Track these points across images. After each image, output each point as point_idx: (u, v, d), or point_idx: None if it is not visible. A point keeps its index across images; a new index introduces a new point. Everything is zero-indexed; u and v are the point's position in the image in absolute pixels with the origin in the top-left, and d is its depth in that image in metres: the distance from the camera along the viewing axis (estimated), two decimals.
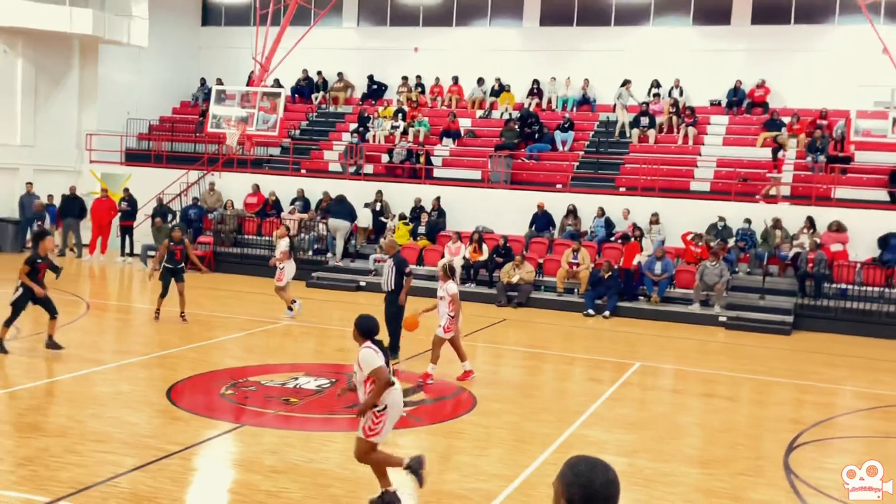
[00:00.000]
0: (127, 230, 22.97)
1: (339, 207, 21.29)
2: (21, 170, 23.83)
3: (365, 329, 6.62)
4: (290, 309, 15.47)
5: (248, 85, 26.02)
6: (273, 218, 22.38)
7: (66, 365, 11.04)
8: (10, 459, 7.34)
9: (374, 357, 6.50)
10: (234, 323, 14.97)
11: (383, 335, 8.31)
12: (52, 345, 11.60)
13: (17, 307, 11.45)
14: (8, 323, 11.42)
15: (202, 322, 14.72)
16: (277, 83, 26.29)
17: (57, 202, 23.14)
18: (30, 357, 11.46)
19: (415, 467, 6.70)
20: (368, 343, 6.58)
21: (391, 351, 11.66)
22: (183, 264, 14.51)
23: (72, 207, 23.02)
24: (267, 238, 22.01)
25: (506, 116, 24.77)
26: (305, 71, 27.97)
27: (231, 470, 7.72)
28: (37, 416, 8.71)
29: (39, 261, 11.63)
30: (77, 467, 7.20)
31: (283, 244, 15.78)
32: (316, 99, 27.79)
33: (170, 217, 22.41)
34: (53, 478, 6.97)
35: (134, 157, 26.00)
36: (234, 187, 23.52)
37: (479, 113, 25.77)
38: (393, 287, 12.45)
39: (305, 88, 28.11)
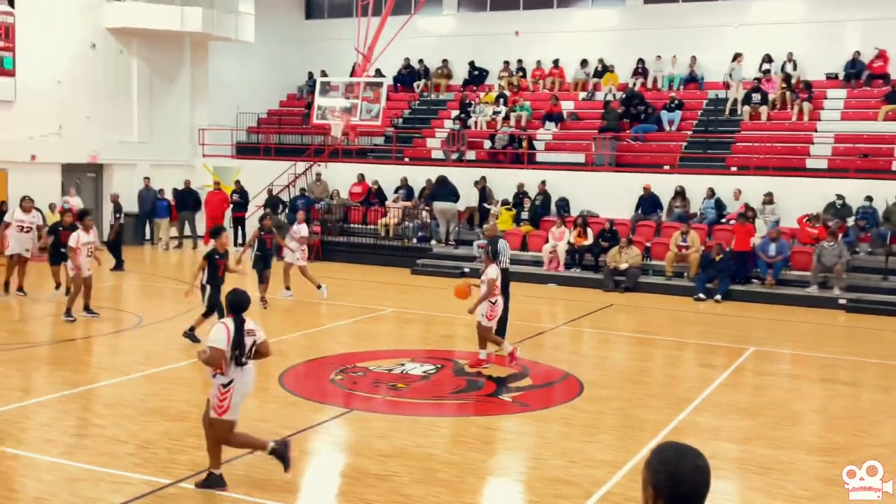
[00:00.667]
0: (239, 221, 23.73)
1: (442, 189, 21.33)
2: (139, 165, 24.91)
3: (228, 305, 6.71)
4: (320, 287, 15.79)
5: (351, 76, 26.41)
6: (377, 206, 22.70)
7: (185, 353, 11.49)
8: (133, 442, 7.70)
9: (218, 334, 6.52)
10: (342, 310, 15.26)
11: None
12: (190, 335, 11.75)
13: (215, 304, 11.40)
14: (207, 314, 11.49)
15: (311, 309, 15.08)
16: (379, 73, 26.57)
17: (169, 196, 24.08)
18: (150, 345, 11.98)
19: (281, 451, 6.71)
20: (229, 320, 6.61)
21: (500, 334, 11.84)
22: (272, 253, 15.01)
23: (187, 200, 23.94)
24: (372, 227, 22.36)
25: (609, 98, 24.34)
26: (407, 60, 28.19)
27: (341, 454, 7.88)
28: (158, 400, 9.10)
29: (217, 257, 11.66)
30: (196, 450, 7.48)
31: (303, 230, 16.15)
32: (418, 87, 27.98)
33: (280, 208, 23.01)
34: (173, 460, 7.27)
35: (244, 150, 26.82)
36: (340, 177, 23.96)
37: (582, 95, 25.40)
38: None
39: (407, 77, 28.34)
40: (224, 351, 6.51)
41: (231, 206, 23.75)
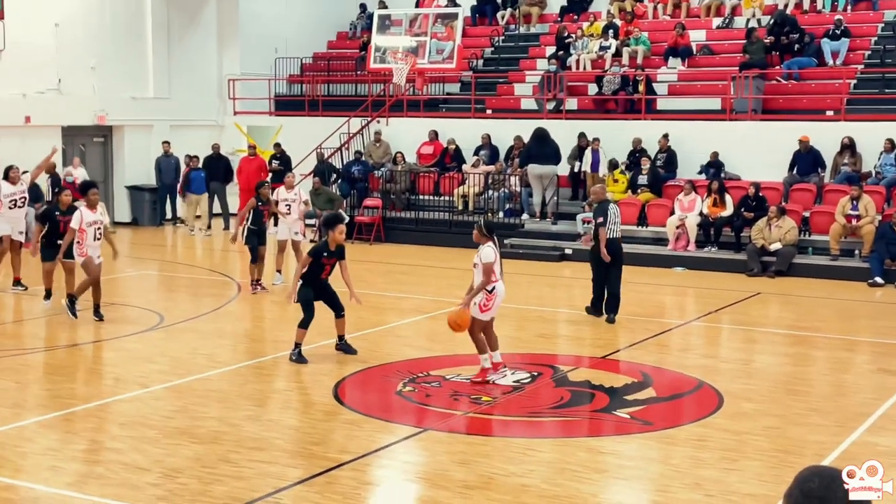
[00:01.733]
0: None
1: (541, 147, 21.14)
2: (156, 127, 25.49)
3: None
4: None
5: (417, 7, 26.47)
6: (454, 172, 22.76)
7: (214, 359, 11.74)
8: (156, 470, 7.90)
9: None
10: (411, 304, 15.36)
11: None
12: (344, 347, 11.74)
13: (308, 307, 11.39)
14: (304, 325, 11.39)
15: (371, 304, 15.20)
16: (453, 2, 26.55)
17: (200, 165, 24.56)
18: (174, 350, 12.29)
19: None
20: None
21: (610, 312, 13.71)
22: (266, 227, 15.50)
23: (216, 169, 24.38)
24: (447, 197, 22.42)
25: (753, 24, 23.82)
26: None
27: (413, 484, 7.95)
28: (186, 418, 9.32)
29: (325, 255, 11.37)
30: (233, 480, 7.65)
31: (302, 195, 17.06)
32: (503, 18, 27.87)
33: (332, 177, 23.26)
34: (206, 492, 7.44)
35: (284, 105, 27.18)
36: (406, 136, 24.08)
37: (717, 22, 24.94)
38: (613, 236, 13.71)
39: (488, 6, 28.22)
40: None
41: (270, 175, 24.10)
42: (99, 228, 13.41)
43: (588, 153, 21.46)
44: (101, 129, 24.96)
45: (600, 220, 13.59)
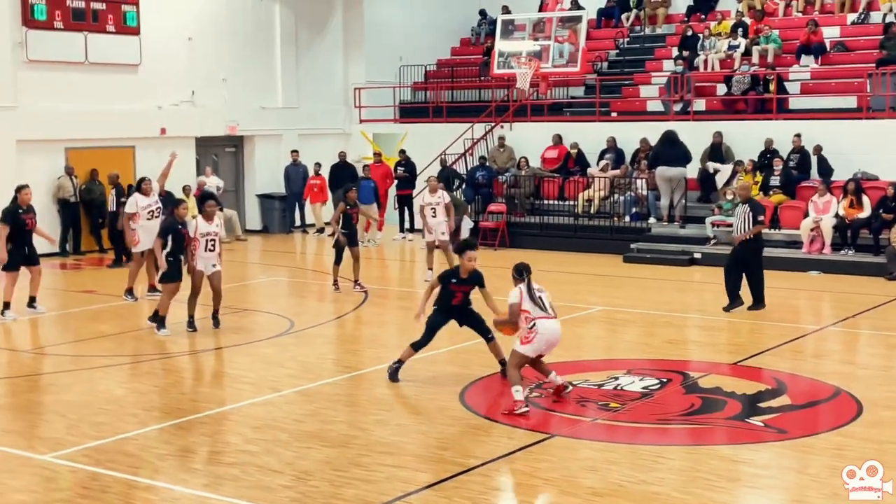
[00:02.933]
0: (405, 200, 24.33)
1: (670, 150, 20.87)
2: (284, 136, 26.07)
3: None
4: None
5: (540, 10, 26.43)
6: (578, 176, 22.62)
7: (342, 363, 11.92)
8: (289, 473, 8.07)
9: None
10: None
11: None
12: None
13: (429, 332, 10.96)
14: (417, 346, 10.95)
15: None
16: (577, 5, 26.43)
17: (325, 172, 24.99)
18: (303, 355, 12.53)
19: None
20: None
21: (757, 302, 14.52)
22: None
23: (342, 177, 24.75)
24: (571, 202, 22.29)
25: (891, 19, 23.02)
26: None
27: (541, 491, 7.92)
28: (316, 422, 9.49)
29: (454, 281, 10.88)
30: (363, 483, 7.75)
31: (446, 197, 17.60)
32: (627, 20, 27.62)
33: (455, 182, 23.39)
34: (337, 495, 7.56)
35: (409, 113, 27.47)
36: (529, 141, 24.06)
37: (851, 18, 24.19)
38: (748, 234, 14.40)
39: (614, 8, 28.00)
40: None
41: (395, 181, 24.39)
42: (212, 240, 13.58)
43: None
44: (232, 140, 25.65)
45: (761, 217, 14.53)
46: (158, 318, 13.48)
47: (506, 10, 27.22)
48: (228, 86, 24.94)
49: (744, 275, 14.61)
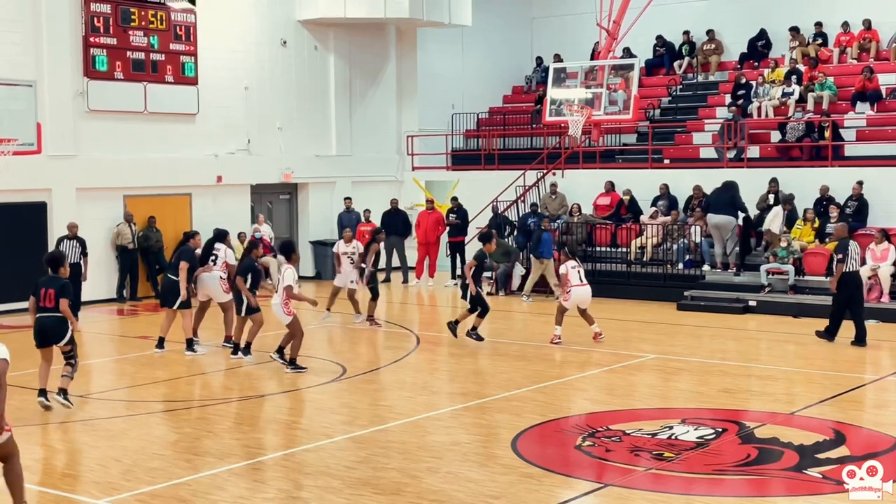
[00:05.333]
0: (457, 247, 24.38)
1: (719, 196, 20.79)
2: (338, 183, 26.30)
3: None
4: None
5: (592, 59, 26.48)
6: (630, 223, 22.53)
7: (394, 410, 11.91)
8: None
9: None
10: (589, 357, 15.23)
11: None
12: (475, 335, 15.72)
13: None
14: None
15: (549, 357, 15.16)
16: (629, 53, 26.48)
17: (376, 219, 25.14)
18: (355, 401, 12.54)
19: None
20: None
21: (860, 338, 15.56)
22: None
23: (394, 224, 24.92)
24: (624, 249, 22.19)
25: None
26: (660, 38, 27.96)
27: None
28: (368, 469, 9.47)
29: (486, 260, 14.70)
30: None
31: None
32: (680, 67, 27.62)
33: (508, 229, 23.41)
34: None
35: (461, 160, 27.60)
36: (581, 187, 24.05)
37: None
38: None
39: (665, 56, 28.03)
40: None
41: (447, 228, 24.46)
42: (300, 286, 14.36)
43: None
44: (286, 187, 25.93)
45: (839, 256, 15.36)
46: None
47: (558, 58, 27.34)
48: (283, 134, 25.27)
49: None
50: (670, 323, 18.47)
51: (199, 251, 15.88)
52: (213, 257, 15.70)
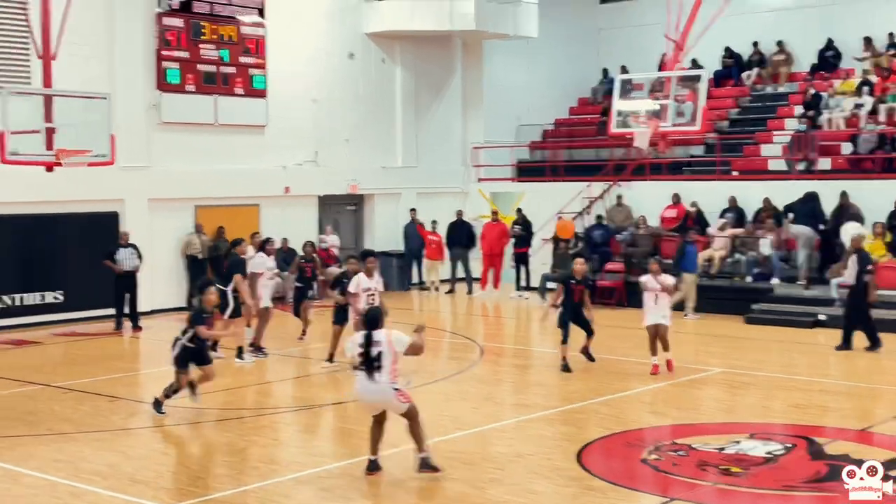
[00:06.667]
0: (522, 259, 24.34)
1: (804, 207, 20.55)
2: (403, 194, 26.42)
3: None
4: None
5: (659, 70, 26.29)
6: (697, 235, 22.27)
7: (459, 421, 11.90)
8: None
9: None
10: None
11: None
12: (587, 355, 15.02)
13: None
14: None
15: (614, 369, 15.04)
16: (696, 64, 26.25)
17: (442, 230, 25.22)
18: (422, 410, 12.55)
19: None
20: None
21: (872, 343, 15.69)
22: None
23: (459, 235, 24.97)
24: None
25: None
26: (728, 49, 27.70)
27: None
28: (432, 479, 9.48)
29: (573, 282, 14.76)
30: None
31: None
32: (748, 79, 27.33)
33: (572, 242, 23.32)
34: None
35: (526, 172, 27.56)
36: (648, 199, 23.87)
37: None
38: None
39: (733, 67, 27.76)
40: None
41: (512, 240, 24.44)
42: (372, 295, 14.24)
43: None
44: (353, 198, 26.10)
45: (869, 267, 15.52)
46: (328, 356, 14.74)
47: (624, 69, 27.19)
48: (350, 146, 25.45)
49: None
50: (738, 336, 18.23)
51: (255, 257, 16.28)
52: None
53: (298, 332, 17.38)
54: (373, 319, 9.56)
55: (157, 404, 12.13)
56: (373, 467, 9.53)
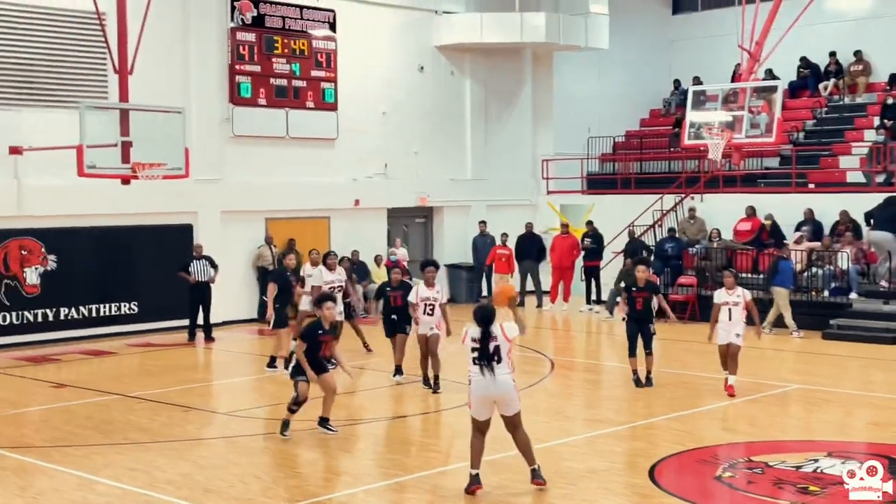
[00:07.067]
0: (592, 272, 24.20)
1: (884, 212, 20.14)
2: (473, 207, 26.45)
3: None
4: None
5: (733, 81, 26.02)
6: (773, 249, 21.97)
7: (531, 435, 11.83)
8: None
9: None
10: None
11: None
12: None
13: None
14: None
15: (688, 385, 14.88)
16: (771, 75, 25.94)
17: (511, 243, 25.18)
18: (493, 428, 12.52)
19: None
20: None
21: None
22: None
23: (529, 248, 24.91)
24: (762, 275, 21.64)
25: None
26: (804, 59, 27.31)
27: None
28: (502, 494, 9.46)
29: (635, 289, 14.31)
30: None
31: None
32: (825, 89, 26.90)
33: (643, 255, 23.11)
34: None
35: (596, 184, 27.42)
36: (721, 212, 23.60)
37: None
38: None
39: (809, 77, 27.37)
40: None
41: (582, 253, 24.31)
42: (431, 305, 14.30)
43: None
44: (422, 210, 26.20)
45: None
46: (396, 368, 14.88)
47: (697, 80, 26.98)
48: (420, 158, 25.56)
49: None
50: (815, 352, 17.92)
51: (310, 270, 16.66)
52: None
53: (361, 345, 17.53)
54: (486, 316, 9.49)
55: (284, 426, 11.66)
56: (474, 482, 9.43)
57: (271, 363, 16.09)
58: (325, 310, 11.53)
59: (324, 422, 11.71)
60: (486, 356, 9.37)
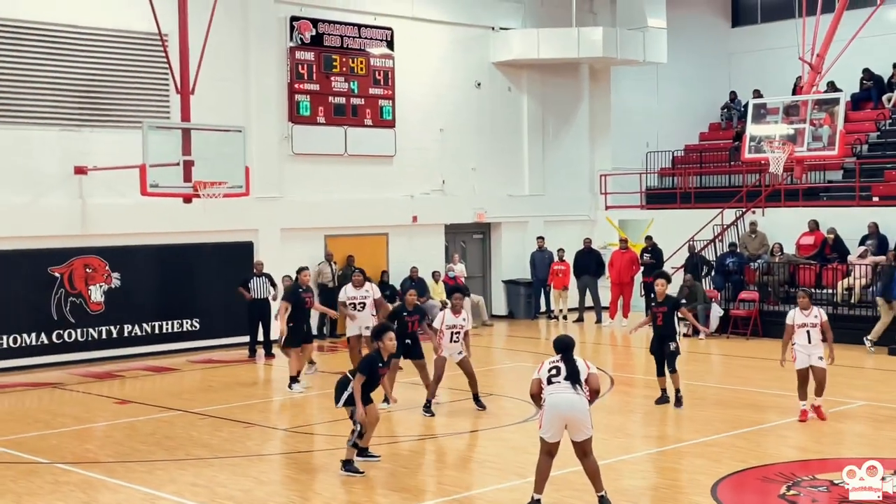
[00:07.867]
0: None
1: None
2: (530, 223, 26.42)
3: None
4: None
5: (794, 94, 25.74)
6: (836, 263, 21.65)
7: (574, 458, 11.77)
8: None
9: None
10: (791, 402, 14.65)
11: None
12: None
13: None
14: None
15: (750, 402, 14.70)
16: (833, 87, 25.60)
17: (569, 258, 25.12)
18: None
19: None
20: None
21: None
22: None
23: (587, 263, 24.83)
24: (830, 290, 21.33)
25: None
26: (867, 70, 26.93)
27: None
28: None
29: (653, 305, 13.87)
30: None
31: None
32: (889, 101, 26.48)
33: (705, 270, 22.95)
34: None
35: (655, 199, 27.25)
36: (783, 226, 23.33)
37: None
38: None
39: (872, 89, 26.97)
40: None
41: (641, 268, 24.16)
42: (457, 332, 14.03)
43: None
44: (479, 227, 26.22)
45: None
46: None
47: (757, 93, 26.73)
48: (477, 174, 25.61)
49: None
50: (881, 369, 17.60)
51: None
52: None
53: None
54: (566, 345, 9.63)
55: (348, 463, 10.89)
56: None
57: (294, 381, 16.14)
58: (387, 341, 11.02)
59: (363, 451, 11.19)
60: (574, 375, 9.44)
